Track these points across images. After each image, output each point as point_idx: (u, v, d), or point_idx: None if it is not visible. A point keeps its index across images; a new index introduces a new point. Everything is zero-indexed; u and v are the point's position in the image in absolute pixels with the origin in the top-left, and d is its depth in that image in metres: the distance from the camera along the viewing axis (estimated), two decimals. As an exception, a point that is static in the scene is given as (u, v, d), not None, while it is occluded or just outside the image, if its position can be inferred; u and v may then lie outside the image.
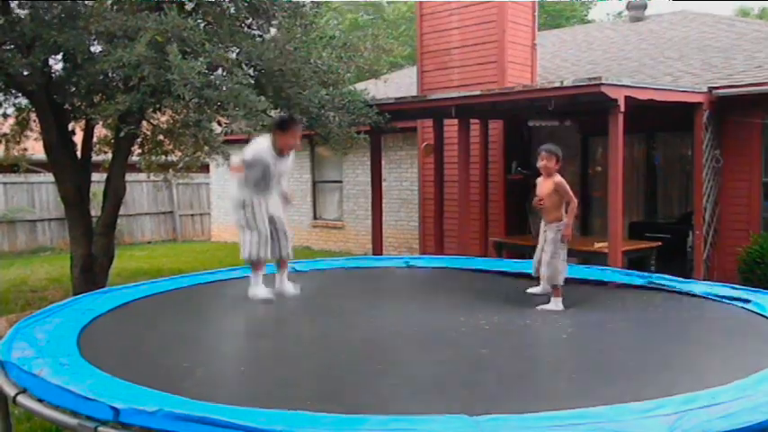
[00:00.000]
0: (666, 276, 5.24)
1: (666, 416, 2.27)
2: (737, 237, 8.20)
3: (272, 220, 4.53)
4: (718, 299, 4.55)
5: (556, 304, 4.61)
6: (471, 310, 4.40)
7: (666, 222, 9.43)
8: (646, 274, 5.57)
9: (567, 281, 4.82)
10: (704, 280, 7.30)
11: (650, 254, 7.87)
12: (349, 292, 5.28)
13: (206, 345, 3.77)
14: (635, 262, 7.38)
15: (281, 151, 4.42)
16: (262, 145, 4.37)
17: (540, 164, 4.93)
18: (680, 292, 4.86)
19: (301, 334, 3.97)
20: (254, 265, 4.46)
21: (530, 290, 5.02)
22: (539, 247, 4.95)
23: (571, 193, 4.84)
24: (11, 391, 2.77)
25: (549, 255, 4.76)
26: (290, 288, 4.67)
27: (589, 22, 25.70)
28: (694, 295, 4.74)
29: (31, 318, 3.84)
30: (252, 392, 2.85)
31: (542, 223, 4.99)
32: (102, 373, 2.86)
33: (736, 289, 4.74)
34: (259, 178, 4.35)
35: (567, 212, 4.87)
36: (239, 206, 4.39)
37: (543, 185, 4.92)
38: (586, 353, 3.51)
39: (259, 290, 4.49)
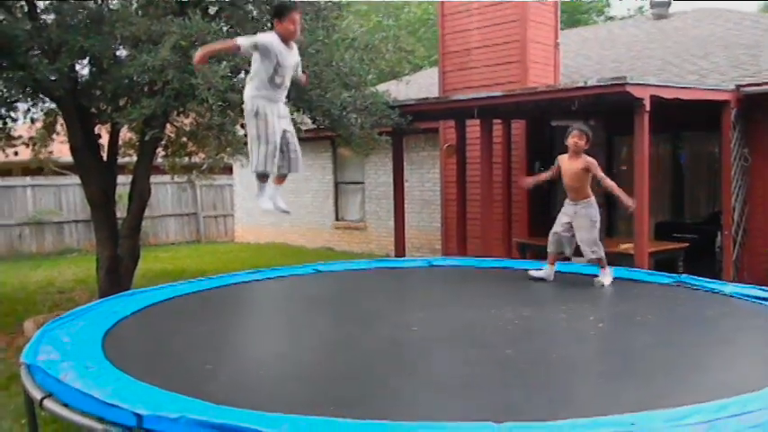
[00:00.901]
0: (695, 277, 5.16)
1: (696, 424, 2.22)
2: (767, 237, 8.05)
3: (282, 135, 4.39)
4: (748, 298, 4.46)
5: (607, 276, 4.86)
6: (496, 310, 4.37)
7: (693, 222, 9.28)
8: (674, 275, 5.49)
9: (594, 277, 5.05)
10: (733, 281, 7.17)
11: (678, 255, 7.75)
12: (373, 293, 5.27)
13: (229, 347, 3.78)
14: (662, 263, 7.26)
15: (285, 41, 4.21)
16: (271, 35, 4.19)
17: (571, 141, 5.02)
18: (709, 292, 4.78)
19: (325, 336, 3.96)
20: (261, 177, 4.44)
21: (532, 272, 5.11)
22: (558, 227, 5.10)
23: (602, 172, 5.00)
24: (37, 394, 2.80)
25: (586, 231, 4.91)
26: (282, 203, 4.67)
27: (609, 16, 25.44)
28: (723, 294, 4.66)
29: (57, 321, 3.88)
30: (276, 396, 2.85)
31: (568, 203, 5.11)
32: (127, 376, 2.88)
33: (766, 290, 4.64)
34: (272, 73, 4.16)
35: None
36: (252, 115, 4.23)
37: (571, 164, 5.01)
38: (614, 353, 3.46)
39: (265, 201, 4.53)
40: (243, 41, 4.15)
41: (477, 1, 9.56)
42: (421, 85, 12.24)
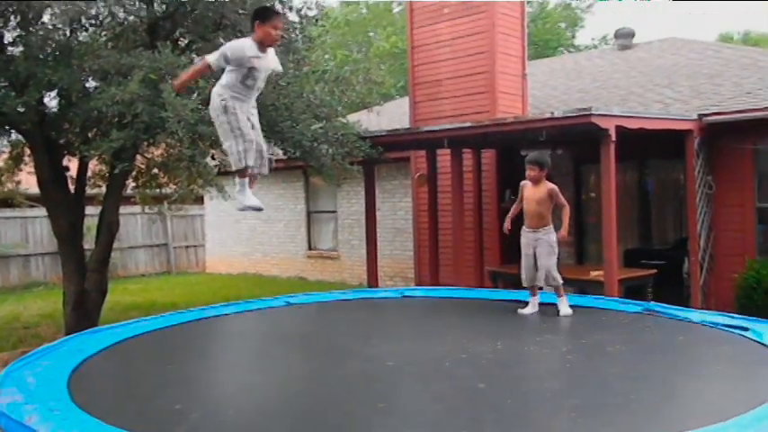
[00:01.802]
0: (663, 305, 5.23)
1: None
2: (733, 262, 8.21)
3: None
4: (715, 326, 4.53)
5: (566, 305, 4.88)
6: (467, 342, 4.37)
7: (661, 249, 9.44)
8: (643, 302, 5.56)
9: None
10: (702, 307, 7.29)
11: (647, 282, 7.85)
12: (344, 325, 5.23)
13: (199, 385, 3.70)
14: (632, 290, 7.36)
15: (261, 45, 4.11)
16: (243, 41, 4.10)
17: (528, 175, 5.22)
18: (678, 320, 4.84)
19: (296, 371, 3.91)
20: (242, 173, 4.29)
21: (520, 311, 5.12)
22: (525, 260, 5.16)
23: (563, 198, 5.14)
24: (0, 439, 2.72)
25: (546, 257, 4.98)
26: (254, 200, 4.50)
27: (575, 47, 26.09)
28: (693, 323, 4.72)
29: (21, 360, 3.78)
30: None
31: (527, 231, 5.19)
32: (93, 418, 2.81)
33: (733, 318, 4.73)
34: (245, 76, 4.07)
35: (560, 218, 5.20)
36: (221, 111, 4.10)
37: (535, 191, 5.13)
38: (585, 386, 3.47)
39: (248, 198, 4.39)
40: (212, 59, 4.08)
41: (445, 33, 9.72)
42: (392, 115, 12.35)
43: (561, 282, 5.00)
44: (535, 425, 2.92)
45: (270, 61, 4.25)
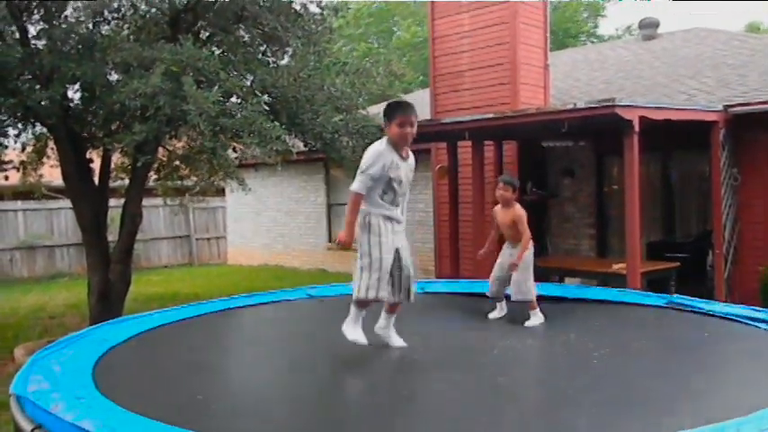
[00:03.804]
0: (687, 298, 5.16)
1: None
2: (758, 255, 8.09)
3: (395, 257, 3.78)
4: (740, 319, 4.47)
5: (536, 318, 4.80)
6: (488, 336, 4.36)
7: (685, 241, 9.32)
8: (665, 295, 5.49)
9: (587, 301, 5.15)
10: (726, 300, 7.19)
11: (670, 274, 7.76)
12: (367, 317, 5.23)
13: (221, 376, 3.74)
14: (654, 283, 7.28)
15: (396, 148, 3.72)
16: (375, 152, 3.71)
17: (498, 194, 5.15)
18: (702, 313, 4.78)
19: (319, 362, 3.94)
20: (361, 304, 3.83)
21: (490, 315, 5.09)
22: (499, 271, 5.11)
23: (526, 226, 5.02)
24: (27, 426, 2.77)
25: (519, 272, 4.94)
26: (396, 339, 3.98)
27: (598, 37, 25.76)
28: (716, 316, 4.66)
29: (47, 349, 3.84)
30: (270, 427, 2.83)
31: (507, 248, 5.17)
32: (118, 407, 2.85)
33: (759, 311, 4.65)
34: (384, 188, 3.69)
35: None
36: (366, 230, 3.68)
37: (505, 214, 5.12)
38: (608, 382, 3.44)
39: (352, 330, 3.83)
40: (359, 188, 3.66)
41: (466, 24, 9.66)
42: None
43: (533, 297, 4.90)
44: (556, 420, 2.90)
45: (410, 165, 3.85)
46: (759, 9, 40.51)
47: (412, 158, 3.88)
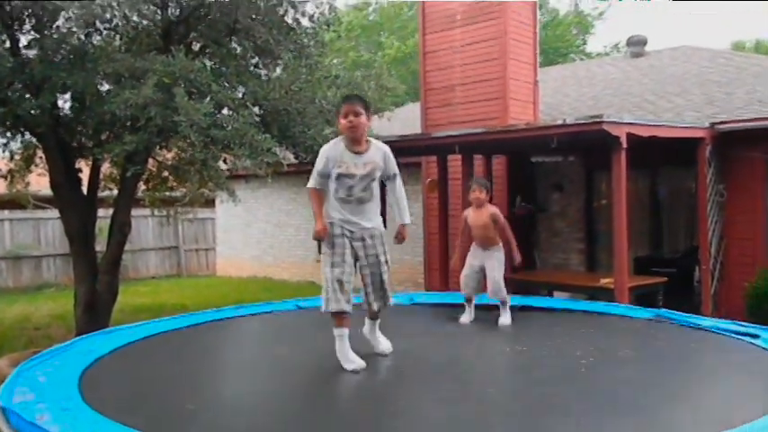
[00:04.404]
0: (674, 312, 5.21)
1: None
2: (744, 271, 8.16)
3: (365, 263, 3.81)
4: (726, 333, 4.52)
5: (507, 317, 5.08)
6: (476, 347, 4.37)
7: (672, 256, 9.39)
8: (653, 309, 5.54)
9: (576, 312, 5.39)
10: (712, 316, 7.24)
11: (657, 289, 7.81)
12: (353, 331, 5.23)
13: (209, 387, 3.73)
14: (642, 298, 7.32)
15: (349, 143, 3.68)
16: (324, 147, 3.76)
17: (472, 196, 5.33)
18: (688, 326, 4.83)
19: (307, 374, 3.93)
20: (335, 317, 3.73)
21: (461, 319, 5.22)
22: (469, 269, 5.28)
23: (504, 219, 5.31)
24: (12, 438, 2.75)
25: (497, 271, 5.17)
26: (382, 344, 3.94)
27: (587, 54, 26.05)
28: (703, 329, 4.71)
29: (32, 360, 3.82)
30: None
31: (478, 249, 5.32)
32: (105, 418, 2.83)
33: (744, 326, 4.70)
34: (336, 186, 3.69)
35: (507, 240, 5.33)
36: (325, 240, 3.71)
37: (478, 216, 5.27)
38: (595, 392, 3.46)
39: (345, 359, 3.67)
40: (311, 184, 3.75)
41: (458, 39, 9.74)
42: (403, 120, 12.36)
43: (507, 296, 5.18)
44: (544, 428, 2.91)
45: (370, 161, 3.74)
46: (743, 28, 41.19)
47: (375, 152, 3.80)
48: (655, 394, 3.30)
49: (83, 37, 6.88)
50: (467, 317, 5.24)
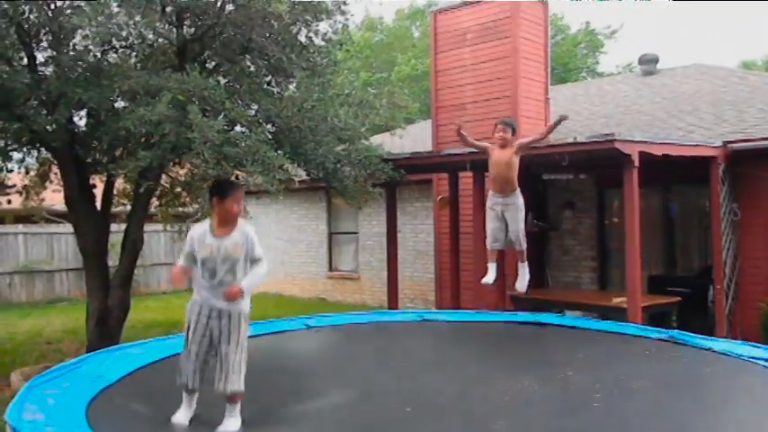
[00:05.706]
0: (687, 334, 5.15)
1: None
2: (759, 291, 8.07)
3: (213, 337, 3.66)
4: (740, 357, 4.45)
5: (525, 270, 5.16)
6: (489, 373, 4.33)
7: (686, 276, 9.30)
8: (666, 330, 5.48)
9: (589, 333, 5.34)
10: (727, 336, 7.16)
11: (671, 309, 7.74)
12: (362, 351, 5.20)
13: (217, 411, 3.69)
14: (655, 317, 7.25)
15: (219, 226, 3.66)
16: (191, 231, 3.78)
17: (498, 135, 5.19)
18: (702, 350, 4.77)
19: (310, 403, 3.90)
20: (185, 390, 3.66)
21: (483, 280, 5.27)
22: (494, 219, 5.17)
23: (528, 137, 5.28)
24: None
25: (519, 221, 5.09)
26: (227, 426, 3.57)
27: (598, 74, 26.00)
28: (717, 353, 4.64)
29: (42, 376, 3.83)
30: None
31: (495, 197, 5.18)
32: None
33: (759, 348, 4.64)
34: (201, 268, 3.67)
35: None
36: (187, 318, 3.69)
37: (503, 153, 5.13)
38: (607, 424, 3.41)
39: (178, 414, 3.58)
40: (181, 261, 3.77)
41: (469, 58, 9.78)
42: (415, 137, 12.40)
43: (525, 247, 5.15)
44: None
45: (231, 244, 3.64)
46: (751, 47, 41.08)
47: (238, 234, 3.70)
48: (667, 422, 3.26)
49: (99, 54, 6.97)
50: (491, 276, 5.19)
